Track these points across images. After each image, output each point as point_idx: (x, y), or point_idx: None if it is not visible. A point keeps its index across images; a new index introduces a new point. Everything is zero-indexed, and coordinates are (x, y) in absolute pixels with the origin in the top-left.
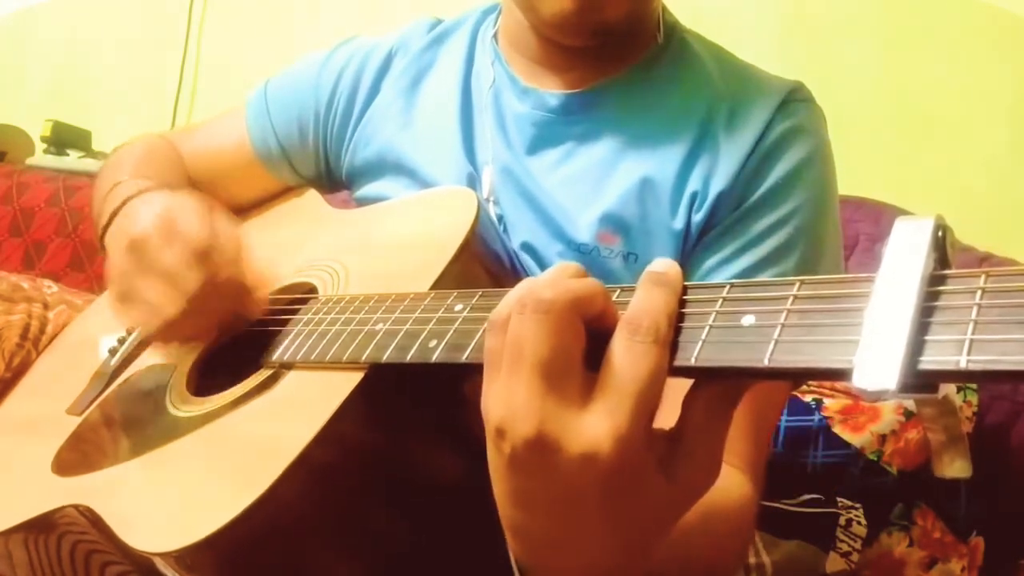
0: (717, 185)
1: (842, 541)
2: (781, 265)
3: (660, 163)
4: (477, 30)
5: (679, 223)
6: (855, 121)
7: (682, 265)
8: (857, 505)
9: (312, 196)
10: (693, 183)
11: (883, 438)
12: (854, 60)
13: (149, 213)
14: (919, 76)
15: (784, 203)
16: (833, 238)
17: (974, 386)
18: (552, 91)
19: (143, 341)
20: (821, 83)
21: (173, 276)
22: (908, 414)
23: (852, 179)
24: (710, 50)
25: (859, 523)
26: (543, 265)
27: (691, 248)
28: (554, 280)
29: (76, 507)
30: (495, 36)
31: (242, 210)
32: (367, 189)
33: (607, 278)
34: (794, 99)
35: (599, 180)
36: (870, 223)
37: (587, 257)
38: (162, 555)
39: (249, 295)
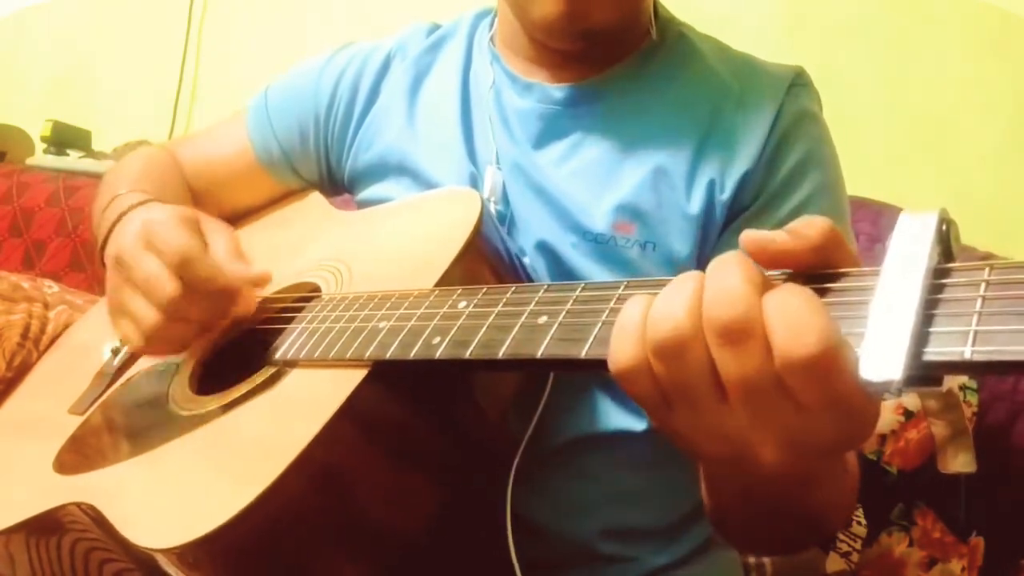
0: (739, 167)
1: (842, 541)
2: None
3: (672, 152)
4: (473, 33)
5: (695, 208)
6: (855, 121)
7: (703, 253)
8: (857, 505)
9: (316, 198)
10: (709, 171)
11: (883, 438)
12: (854, 60)
13: (131, 229)
14: (919, 76)
15: (804, 184)
16: (848, 216)
17: (974, 386)
18: (556, 84)
19: (133, 354)
20: (821, 83)
21: (147, 287)
22: (908, 414)
23: (852, 179)
24: (708, 41)
25: (859, 523)
26: (557, 261)
27: (716, 235)
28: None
29: (78, 505)
30: (492, 38)
31: (245, 214)
32: (370, 191)
33: (624, 268)
34: (798, 83)
35: (610, 171)
36: (870, 223)
37: (603, 247)
38: (163, 551)
39: (233, 300)
